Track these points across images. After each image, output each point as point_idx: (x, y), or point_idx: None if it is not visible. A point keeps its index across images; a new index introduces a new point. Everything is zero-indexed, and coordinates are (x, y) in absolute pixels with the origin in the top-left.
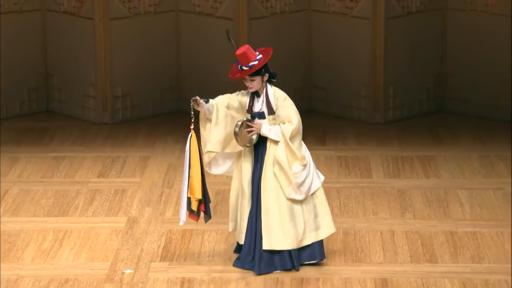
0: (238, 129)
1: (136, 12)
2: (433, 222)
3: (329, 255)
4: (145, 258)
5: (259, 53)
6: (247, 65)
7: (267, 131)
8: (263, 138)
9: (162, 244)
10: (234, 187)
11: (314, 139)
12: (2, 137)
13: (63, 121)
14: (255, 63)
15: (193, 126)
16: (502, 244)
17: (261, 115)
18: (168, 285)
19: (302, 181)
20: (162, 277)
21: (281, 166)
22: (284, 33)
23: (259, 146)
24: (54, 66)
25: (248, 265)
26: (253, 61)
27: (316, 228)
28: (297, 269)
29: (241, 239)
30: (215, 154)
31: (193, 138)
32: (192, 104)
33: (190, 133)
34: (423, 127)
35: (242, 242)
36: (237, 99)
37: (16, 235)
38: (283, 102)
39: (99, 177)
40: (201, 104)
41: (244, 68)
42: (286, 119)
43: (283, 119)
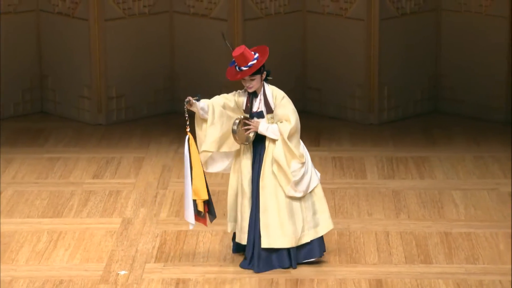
0: (236, 127)
1: (130, 13)
2: (427, 223)
3: (324, 255)
4: (139, 259)
5: (254, 52)
6: (246, 65)
7: (264, 130)
8: (261, 137)
9: (157, 245)
10: (232, 186)
11: (309, 140)
12: None
13: (57, 122)
14: (254, 62)
15: (188, 128)
16: (496, 245)
17: (259, 114)
18: (162, 286)
19: (300, 178)
20: (156, 278)
21: (279, 164)
22: (279, 34)
23: (258, 145)
24: (48, 67)
25: (248, 265)
26: (251, 61)
27: (315, 225)
28: (294, 267)
29: (243, 240)
30: (211, 153)
31: (191, 140)
32: (186, 106)
33: (187, 136)
34: (418, 128)
35: (244, 242)
36: (234, 99)
37: (11, 236)
38: (281, 101)
39: (93, 178)
40: (194, 104)
41: (243, 68)
42: (284, 118)
43: (280, 118)
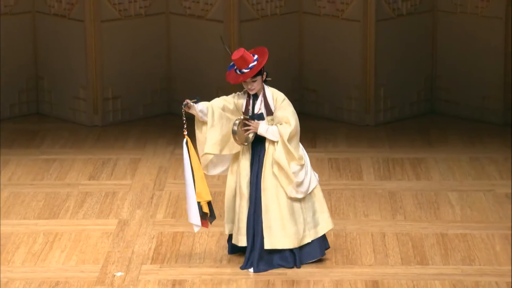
0: (236, 128)
1: (126, 14)
2: (423, 224)
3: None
4: (136, 260)
5: (253, 54)
6: (247, 68)
7: (264, 131)
8: (260, 139)
9: (153, 246)
10: (230, 188)
11: (305, 141)
12: None
13: (53, 123)
14: (255, 63)
15: (186, 132)
16: (492, 246)
17: (260, 116)
18: (159, 287)
19: (301, 180)
20: (153, 279)
21: (280, 166)
22: (275, 35)
23: (257, 147)
24: (44, 68)
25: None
26: (251, 63)
27: (315, 225)
28: (298, 267)
29: (240, 241)
30: (212, 156)
31: (189, 143)
32: (184, 109)
33: (185, 139)
34: (414, 129)
35: (241, 244)
36: (233, 101)
37: (7, 238)
38: (281, 103)
39: (89, 179)
40: (192, 106)
41: (244, 71)
42: (284, 120)
43: (280, 120)
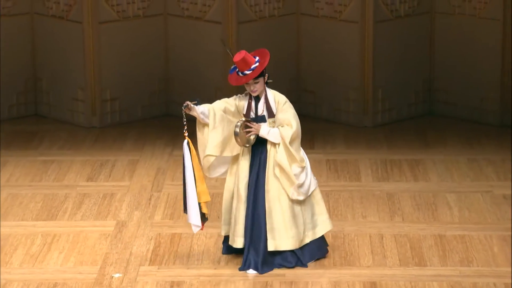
0: (238, 129)
1: (125, 15)
2: (421, 225)
3: (319, 259)
4: (134, 262)
5: (254, 56)
6: (249, 69)
7: (265, 133)
8: (261, 141)
9: (151, 247)
10: (228, 190)
11: (303, 142)
12: None
13: (51, 124)
14: (256, 65)
15: (186, 133)
16: (490, 247)
17: (262, 118)
18: None
19: (302, 182)
20: (151, 281)
21: (281, 168)
22: (273, 36)
23: (258, 149)
24: (42, 69)
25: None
26: (253, 64)
27: (313, 227)
28: (305, 266)
29: (237, 243)
30: (214, 158)
31: (191, 144)
32: (184, 110)
33: (186, 140)
34: (412, 131)
35: (237, 246)
36: (234, 103)
37: (5, 239)
38: (283, 105)
39: (88, 181)
40: (193, 108)
41: (246, 72)
42: (285, 122)
43: (282, 122)
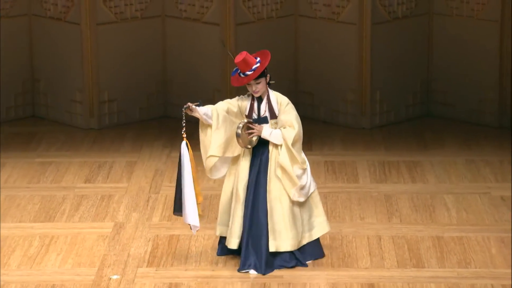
0: (240, 131)
1: (122, 17)
2: (419, 227)
3: (316, 259)
4: (132, 263)
5: (256, 57)
6: (250, 70)
7: (267, 134)
8: (262, 142)
9: (149, 249)
10: (227, 191)
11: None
12: None
13: (49, 126)
14: (258, 65)
15: (185, 135)
16: (488, 249)
17: (264, 119)
18: None
19: (305, 184)
20: (149, 283)
21: (283, 169)
22: (271, 38)
23: (258, 150)
24: (40, 71)
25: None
26: (254, 65)
27: (310, 228)
28: (305, 266)
29: (232, 244)
30: (217, 159)
31: (189, 145)
32: (185, 111)
33: (184, 141)
34: (410, 132)
35: (231, 247)
36: (237, 104)
37: (2, 241)
38: (285, 107)
39: (85, 182)
40: (195, 109)
41: (248, 73)
42: (287, 124)
43: (284, 123)
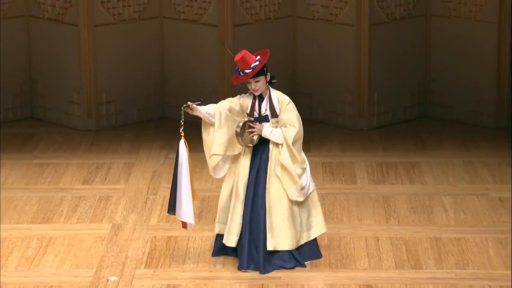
0: (240, 130)
1: (120, 18)
2: (417, 228)
3: (314, 261)
4: (129, 265)
5: (256, 56)
6: (249, 68)
7: (268, 133)
8: (263, 141)
9: (147, 250)
10: (227, 189)
11: None
12: None
13: (47, 127)
14: (256, 63)
15: (183, 133)
16: (486, 250)
17: (265, 118)
18: None
19: (304, 184)
20: (147, 284)
21: (284, 167)
22: (269, 39)
23: (259, 149)
24: (38, 72)
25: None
26: (253, 63)
27: (308, 228)
28: (304, 266)
29: (230, 241)
30: (220, 158)
31: (186, 144)
32: (185, 110)
33: (182, 140)
34: (408, 133)
35: (230, 244)
36: (239, 102)
37: (0, 242)
38: (286, 106)
39: (83, 184)
40: (196, 108)
41: (246, 71)
42: (288, 123)
43: (285, 122)
